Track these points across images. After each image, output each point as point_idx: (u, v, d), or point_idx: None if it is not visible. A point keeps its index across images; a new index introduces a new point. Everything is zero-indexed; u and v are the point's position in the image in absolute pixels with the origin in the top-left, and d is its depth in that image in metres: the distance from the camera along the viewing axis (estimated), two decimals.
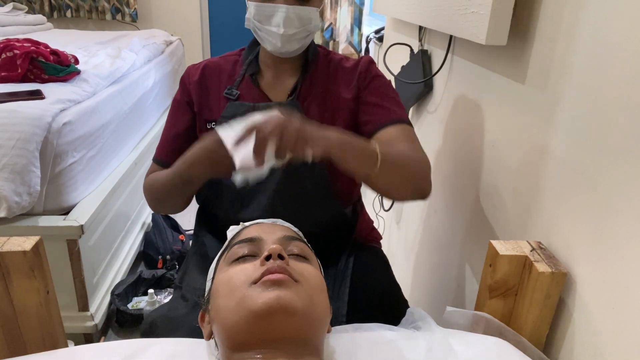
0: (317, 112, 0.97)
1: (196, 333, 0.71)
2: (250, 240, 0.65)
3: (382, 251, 1.11)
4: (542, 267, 0.69)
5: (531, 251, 0.73)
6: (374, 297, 0.92)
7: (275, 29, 0.89)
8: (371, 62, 1.01)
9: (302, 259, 0.64)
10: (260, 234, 0.67)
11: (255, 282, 0.56)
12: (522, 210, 0.86)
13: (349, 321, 0.79)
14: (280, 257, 0.59)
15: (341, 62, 1.02)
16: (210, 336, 0.63)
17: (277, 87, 0.99)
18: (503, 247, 0.73)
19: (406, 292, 0.99)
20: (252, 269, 0.59)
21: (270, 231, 0.68)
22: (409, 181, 0.85)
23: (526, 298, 0.72)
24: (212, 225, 1.04)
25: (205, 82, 1.01)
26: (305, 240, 0.72)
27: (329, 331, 0.66)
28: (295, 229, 0.75)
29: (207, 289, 0.69)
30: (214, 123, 0.97)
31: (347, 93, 0.98)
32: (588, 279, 0.67)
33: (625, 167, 0.60)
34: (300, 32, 0.90)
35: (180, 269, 1.05)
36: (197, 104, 1.00)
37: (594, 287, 0.65)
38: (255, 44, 1.02)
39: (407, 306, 0.91)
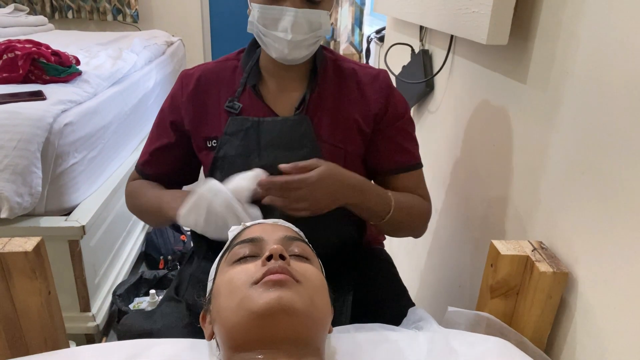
0: (328, 131, 0.89)
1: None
2: (251, 240, 0.65)
3: (386, 252, 1.11)
4: (543, 267, 0.69)
5: (533, 251, 0.73)
6: (380, 298, 0.92)
7: (282, 35, 0.81)
8: (390, 85, 0.94)
9: (303, 259, 0.64)
10: (261, 234, 0.67)
11: (256, 283, 0.56)
12: (524, 210, 0.85)
13: (354, 322, 0.78)
14: (282, 257, 0.59)
15: (354, 73, 0.94)
16: (211, 336, 0.63)
17: (282, 99, 0.91)
18: (504, 247, 0.73)
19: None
20: (253, 269, 0.59)
21: (272, 231, 0.68)
22: (408, 230, 0.97)
23: (528, 298, 0.72)
24: (211, 242, 0.96)
25: (201, 95, 0.92)
26: (306, 240, 0.72)
27: (330, 331, 0.66)
28: (297, 229, 0.75)
29: (208, 289, 0.69)
30: (215, 141, 0.90)
31: (360, 115, 0.91)
32: (590, 278, 0.66)
33: (627, 166, 0.60)
34: (309, 38, 0.83)
35: (174, 279, 0.99)
36: (193, 122, 0.92)
37: (596, 287, 0.65)
38: (254, 46, 0.95)
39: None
